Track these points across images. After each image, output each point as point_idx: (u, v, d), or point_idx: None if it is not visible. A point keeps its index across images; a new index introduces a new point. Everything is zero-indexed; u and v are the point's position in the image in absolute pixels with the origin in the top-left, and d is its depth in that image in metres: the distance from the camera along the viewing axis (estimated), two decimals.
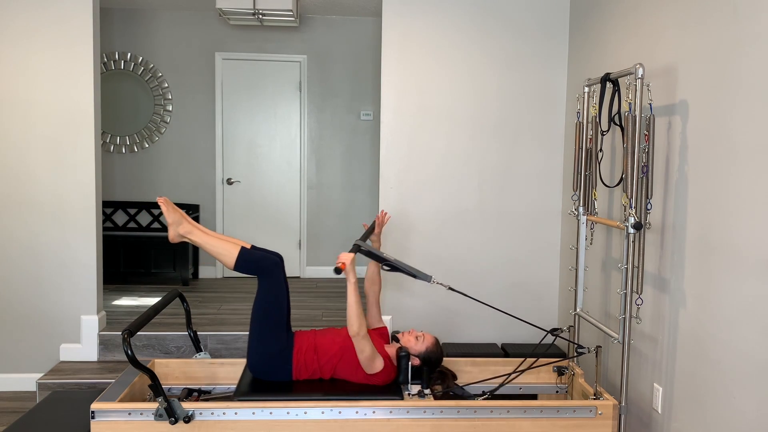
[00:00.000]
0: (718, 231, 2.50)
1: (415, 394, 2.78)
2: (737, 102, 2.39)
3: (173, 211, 2.85)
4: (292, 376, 2.89)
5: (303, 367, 2.89)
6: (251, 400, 2.67)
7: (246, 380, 2.90)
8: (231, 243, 2.88)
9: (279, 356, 2.87)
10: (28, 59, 4.00)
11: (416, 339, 2.97)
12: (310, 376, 2.91)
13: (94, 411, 2.53)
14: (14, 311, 4.09)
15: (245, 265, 2.85)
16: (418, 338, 2.97)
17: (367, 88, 6.20)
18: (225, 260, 2.84)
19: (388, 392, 2.79)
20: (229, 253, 2.83)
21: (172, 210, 2.85)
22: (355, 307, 2.73)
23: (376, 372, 2.84)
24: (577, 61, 4.06)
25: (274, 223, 6.27)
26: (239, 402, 2.63)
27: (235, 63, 6.10)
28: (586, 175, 3.25)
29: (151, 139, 6.09)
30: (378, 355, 2.84)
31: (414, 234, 4.26)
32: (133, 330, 2.49)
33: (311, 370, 2.90)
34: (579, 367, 3.10)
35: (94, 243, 4.10)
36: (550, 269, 4.34)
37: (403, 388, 2.85)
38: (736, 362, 2.38)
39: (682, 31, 2.78)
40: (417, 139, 4.22)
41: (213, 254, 2.85)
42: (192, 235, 2.86)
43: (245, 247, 2.89)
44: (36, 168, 4.04)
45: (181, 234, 2.86)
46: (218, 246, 2.84)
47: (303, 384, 2.87)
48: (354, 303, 2.73)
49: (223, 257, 2.84)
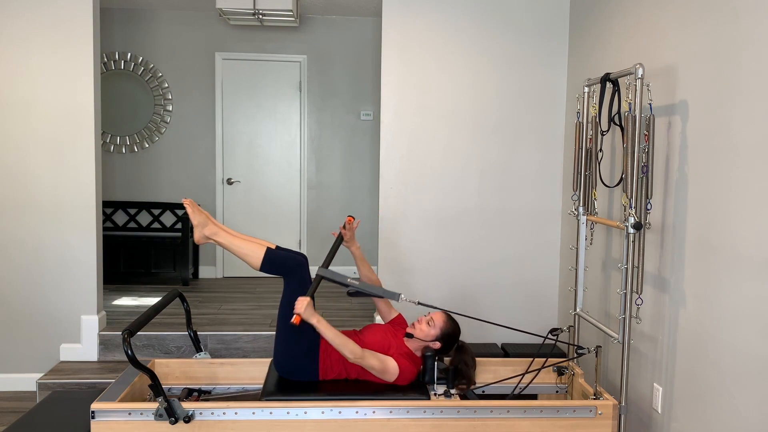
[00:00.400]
0: (718, 231, 2.51)
1: (441, 394, 2.78)
2: (737, 102, 2.39)
3: (198, 213, 2.83)
4: (319, 375, 2.87)
5: (329, 367, 2.88)
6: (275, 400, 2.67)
7: (272, 380, 2.89)
8: (256, 244, 2.85)
9: (306, 356, 2.85)
10: (28, 59, 4.00)
11: (428, 325, 2.91)
12: (336, 375, 2.89)
13: (94, 411, 2.53)
14: (14, 311, 4.09)
15: (271, 266, 2.82)
16: (429, 323, 2.92)
17: (367, 88, 6.20)
18: (251, 261, 2.82)
19: (414, 392, 2.79)
20: (255, 254, 2.81)
21: (198, 212, 2.83)
22: (336, 340, 2.71)
23: (394, 378, 2.82)
24: (577, 61, 4.06)
25: (274, 223, 6.27)
26: (241, 402, 2.63)
27: (235, 63, 6.10)
28: (586, 175, 3.25)
29: (151, 139, 6.09)
30: (388, 363, 2.80)
31: (414, 234, 4.26)
32: (133, 330, 2.49)
33: (337, 370, 2.88)
34: (579, 367, 3.10)
35: (94, 243, 4.10)
36: (550, 269, 4.34)
37: (429, 388, 2.85)
38: (736, 362, 2.38)
39: (682, 31, 2.78)
40: (417, 139, 4.22)
41: (238, 255, 2.82)
42: (217, 237, 2.84)
43: (270, 247, 2.86)
44: (36, 168, 4.04)
45: (206, 236, 2.84)
46: (244, 247, 2.82)
47: (329, 384, 2.86)
48: (332, 338, 2.70)
49: (249, 258, 2.81)
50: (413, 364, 2.88)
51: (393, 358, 2.84)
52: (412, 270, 4.28)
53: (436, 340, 2.90)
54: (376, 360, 2.78)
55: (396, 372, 2.81)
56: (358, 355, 2.73)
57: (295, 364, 2.86)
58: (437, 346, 2.90)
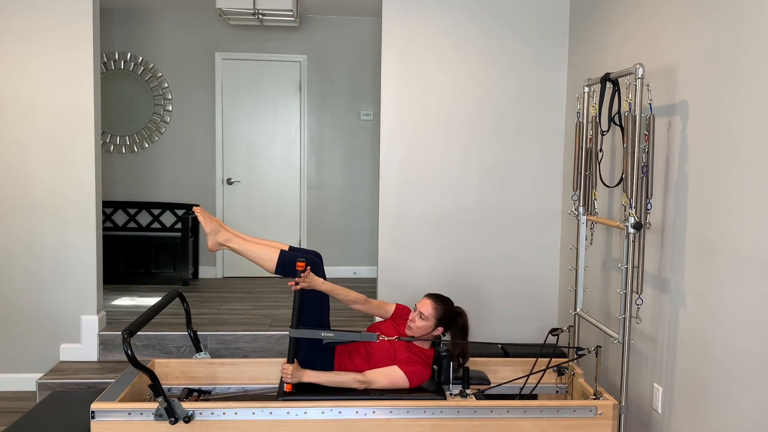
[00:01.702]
0: (718, 231, 2.50)
1: (457, 395, 2.79)
2: (737, 102, 2.39)
3: (210, 220, 2.80)
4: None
5: (343, 367, 2.90)
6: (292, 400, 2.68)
7: None
8: (270, 248, 2.82)
9: (323, 354, 2.86)
10: (28, 59, 4.00)
11: (421, 319, 2.89)
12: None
13: (94, 411, 2.53)
14: (14, 311, 4.09)
15: (286, 269, 2.79)
16: (421, 317, 2.89)
17: (367, 88, 6.20)
18: (266, 265, 2.79)
19: (431, 393, 2.79)
20: (270, 258, 2.78)
21: (209, 219, 2.80)
22: (336, 380, 2.77)
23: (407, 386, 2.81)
24: (577, 61, 4.06)
25: (274, 223, 6.27)
26: (239, 402, 2.63)
27: (235, 63, 6.10)
28: (586, 175, 3.25)
29: (151, 139, 6.09)
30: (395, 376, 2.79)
31: (414, 234, 4.26)
32: (133, 330, 2.49)
33: (350, 369, 2.90)
34: (579, 367, 3.10)
35: (94, 243, 4.10)
36: (550, 269, 4.34)
37: (444, 388, 2.84)
38: (736, 362, 2.38)
39: (682, 31, 2.78)
40: (417, 139, 4.22)
41: (253, 260, 2.80)
42: (231, 243, 2.82)
43: (284, 250, 2.84)
44: (36, 168, 4.04)
45: (220, 242, 2.81)
46: (259, 252, 2.79)
47: None
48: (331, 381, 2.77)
49: (264, 262, 2.79)
50: (422, 364, 2.86)
51: (399, 367, 2.82)
52: (411, 269, 4.28)
53: (436, 327, 2.89)
54: (383, 378, 2.79)
55: (405, 381, 2.80)
56: (365, 383, 2.77)
57: (311, 363, 2.86)
58: (440, 331, 2.90)
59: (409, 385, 2.81)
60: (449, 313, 2.93)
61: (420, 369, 2.83)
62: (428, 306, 2.91)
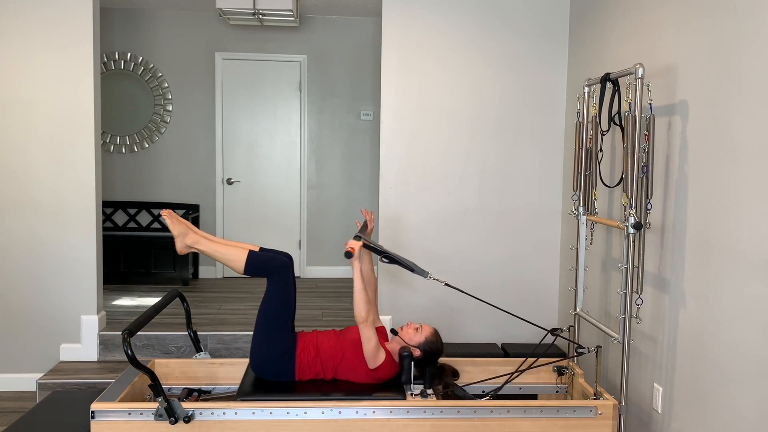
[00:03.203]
0: (718, 231, 2.51)
1: (418, 394, 2.78)
2: (737, 102, 2.39)
3: (178, 223, 2.84)
4: (296, 376, 2.89)
5: (306, 367, 2.89)
6: (253, 400, 2.67)
7: (249, 380, 2.90)
8: (238, 249, 2.86)
9: (283, 357, 2.87)
10: (28, 59, 4.00)
11: (415, 330, 2.96)
12: (313, 376, 2.91)
13: (94, 411, 2.53)
14: (14, 311, 4.09)
15: (254, 270, 2.85)
16: (417, 329, 2.96)
17: (367, 88, 6.20)
18: (234, 266, 2.84)
19: (391, 392, 2.79)
20: (238, 259, 2.83)
21: (177, 222, 2.84)
22: (360, 293, 2.76)
23: (378, 365, 2.83)
24: (577, 61, 4.07)
25: (274, 223, 6.27)
26: (239, 402, 2.63)
27: (235, 63, 6.10)
28: (586, 175, 3.25)
29: (151, 139, 6.09)
30: (381, 348, 2.85)
31: (414, 233, 4.26)
32: (133, 330, 2.49)
33: (314, 371, 2.90)
34: (579, 367, 3.10)
35: (94, 243, 4.10)
36: (550, 269, 4.34)
37: (405, 389, 2.85)
38: (736, 362, 2.38)
39: (682, 31, 2.78)
40: (417, 139, 4.22)
41: (222, 261, 2.85)
42: (199, 245, 2.86)
43: (253, 250, 2.88)
44: (36, 168, 4.04)
45: (188, 245, 2.86)
46: (226, 253, 2.84)
47: (306, 384, 2.87)
48: (359, 290, 2.76)
49: (233, 263, 2.83)
50: (394, 363, 2.92)
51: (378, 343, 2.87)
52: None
53: (418, 347, 2.93)
54: (374, 336, 2.80)
55: (383, 358, 2.84)
56: (370, 320, 2.77)
57: (272, 365, 2.87)
58: (417, 353, 2.93)
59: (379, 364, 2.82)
60: (437, 352, 2.97)
61: (393, 364, 2.90)
62: (430, 329, 3.00)
